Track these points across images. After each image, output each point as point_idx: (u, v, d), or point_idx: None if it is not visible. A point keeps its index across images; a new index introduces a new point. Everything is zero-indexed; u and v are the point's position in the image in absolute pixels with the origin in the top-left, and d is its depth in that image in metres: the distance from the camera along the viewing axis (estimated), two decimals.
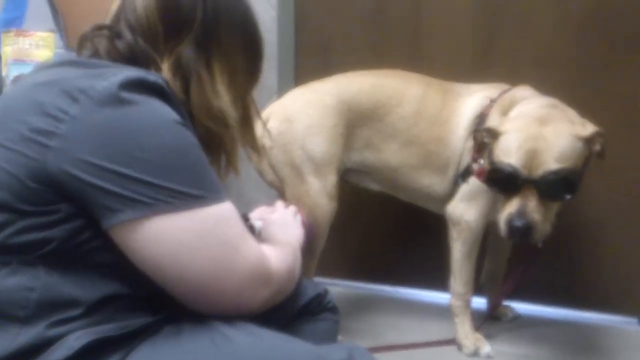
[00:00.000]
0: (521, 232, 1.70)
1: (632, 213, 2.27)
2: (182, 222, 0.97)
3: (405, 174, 2.07)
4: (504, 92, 2.00)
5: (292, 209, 1.60)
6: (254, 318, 1.08)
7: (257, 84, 1.30)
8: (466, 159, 1.99)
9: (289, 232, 1.41)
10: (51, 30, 2.71)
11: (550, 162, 1.67)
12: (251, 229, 1.34)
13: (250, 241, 1.06)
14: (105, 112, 0.94)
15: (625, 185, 2.26)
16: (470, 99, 2.02)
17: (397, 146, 2.05)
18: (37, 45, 2.62)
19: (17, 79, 2.58)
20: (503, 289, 2.21)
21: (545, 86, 2.12)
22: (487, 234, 2.10)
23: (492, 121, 1.90)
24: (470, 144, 1.97)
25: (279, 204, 1.63)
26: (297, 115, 2.01)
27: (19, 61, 2.60)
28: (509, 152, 1.72)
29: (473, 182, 1.96)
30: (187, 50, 1.12)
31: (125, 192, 0.93)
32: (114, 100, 0.95)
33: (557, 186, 1.69)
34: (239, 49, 1.20)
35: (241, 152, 1.27)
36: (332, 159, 2.01)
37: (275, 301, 1.13)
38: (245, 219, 1.35)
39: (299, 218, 1.56)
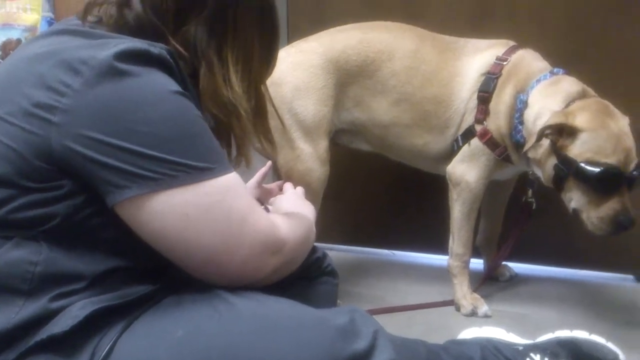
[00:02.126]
0: (625, 228, 1.76)
1: None
2: (189, 195, 0.96)
3: (397, 133, 2.04)
4: (511, 50, 1.96)
5: (299, 189, 1.59)
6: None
7: (272, 72, 1.26)
8: (468, 119, 1.96)
9: (301, 208, 1.39)
10: None
11: (636, 157, 1.74)
12: None
13: (258, 211, 1.05)
14: (106, 85, 0.93)
15: None
16: (475, 59, 1.99)
17: (388, 103, 2.01)
18: (25, 9, 2.58)
19: (6, 44, 2.54)
20: (501, 252, 2.21)
21: (541, 42, 2.11)
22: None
23: (505, 87, 1.89)
24: (473, 104, 1.95)
25: (288, 186, 1.61)
26: (284, 77, 1.95)
27: (6, 25, 2.56)
28: (606, 151, 1.71)
29: (474, 143, 1.95)
30: (197, 32, 1.08)
31: (130, 168, 0.93)
32: (114, 71, 0.93)
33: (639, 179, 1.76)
34: (255, 36, 1.16)
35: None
36: (322, 121, 1.97)
37: (285, 271, 1.13)
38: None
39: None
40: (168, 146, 0.94)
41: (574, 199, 1.80)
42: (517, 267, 2.39)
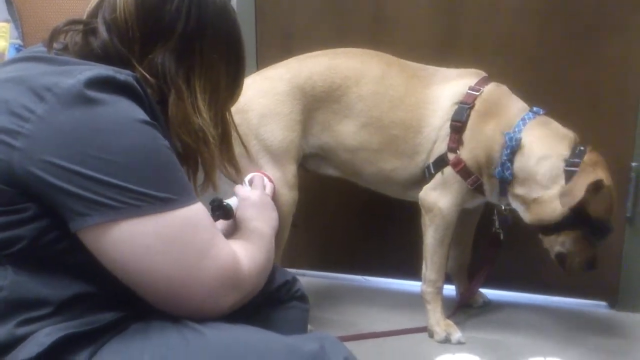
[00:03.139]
0: (595, 269, 1.97)
1: None
2: (150, 226, 0.95)
3: (365, 157, 2.03)
4: (482, 81, 1.98)
5: (269, 188, 1.58)
6: None
7: (237, 100, 1.27)
8: (440, 147, 1.96)
9: (265, 215, 1.37)
10: (6, 21, 2.67)
11: None
12: (225, 210, 1.33)
13: (220, 245, 1.04)
14: (70, 112, 0.91)
15: None
16: (446, 87, 1.99)
17: (356, 127, 2.00)
18: None
19: None
20: (474, 282, 2.22)
21: (506, 73, 2.14)
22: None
23: (484, 121, 1.94)
24: (445, 131, 1.95)
25: (256, 177, 1.58)
26: (250, 104, 1.95)
27: None
28: (611, 210, 1.89)
29: (448, 171, 1.95)
30: (165, 60, 1.08)
31: (92, 196, 0.91)
32: (80, 99, 0.92)
33: None
34: (222, 65, 1.16)
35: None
36: (289, 147, 1.96)
37: (244, 302, 1.11)
38: (219, 202, 1.33)
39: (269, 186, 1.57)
40: (131, 175, 0.93)
41: (564, 245, 1.93)
42: (491, 293, 2.38)
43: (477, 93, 1.96)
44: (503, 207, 2.03)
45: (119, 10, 1.05)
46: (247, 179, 1.64)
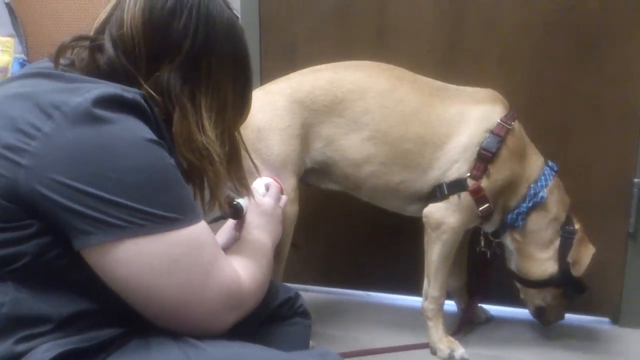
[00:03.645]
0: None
1: (601, 211, 2.27)
2: (154, 246, 0.94)
3: (371, 171, 2.01)
4: (511, 117, 1.98)
5: (284, 200, 1.56)
6: None
7: (246, 118, 1.26)
8: (460, 169, 1.95)
9: (271, 227, 1.36)
10: (10, 35, 2.67)
11: None
12: (236, 209, 1.32)
13: (223, 265, 1.04)
14: (78, 130, 0.91)
15: (591, 182, 2.27)
16: (477, 110, 1.98)
17: (362, 140, 1.98)
18: None
19: None
20: (473, 301, 2.26)
21: (508, 85, 2.14)
22: None
23: (510, 162, 1.98)
24: (469, 155, 1.94)
25: (273, 186, 1.57)
26: (248, 119, 1.93)
27: None
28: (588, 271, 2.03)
29: (465, 196, 1.95)
30: (170, 78, 1.07)
31: (96, 215, 0.91)
32: (88, 117, 0.91)
33: None
34: (229, 84, 1.15)
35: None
36: (286, 161, 1.95)
37: (242, 318, 1.10)
38: (231, 200, 1.32)
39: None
40: (137, 194, 0.92)
41: (544, 299, 2.11)
42: (493, 309, 2.38)
43: (509, 127, 1.96)
44: (492, 239, 2.12)
45: (126, 26, 1.05)
46: (264, 182, 1.61)
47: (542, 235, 2.03)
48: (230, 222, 1.41)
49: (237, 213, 1.34)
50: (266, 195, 1.48)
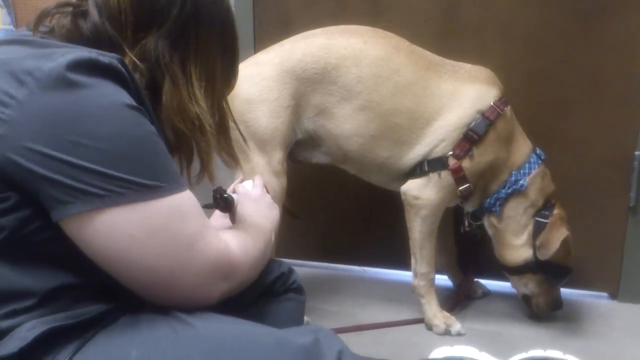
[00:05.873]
0: (559, 309, 2.14)
1: (601, 184, 2.25)
2: (135, 215, 0.92)
3: (361, 143, 1.97)
4: (504, 102, 1.95)
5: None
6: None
7: (233, 88, 1.25)
8: (444, 147, 1.92)
9: (264, 211, 1.34)
10: None
11: None
12: (227, 201, 1.29)
13: (209, 234, 1.01)
14: (52, 97, 0.88)
15: (589, 157, 2.24)
16: (474, 89, 1.94)
17: (353, 110, 1.94)
18: None
19: None
20: (468, 276, 2.26)
21: (506, 58, 2.12)
22: None
23: (495, 146, 1.94)
24: (457, 135, 1.91)
25: (258, 182, 1.55)
26: (236, 90, 1.89)
27: None
28: (567, 256, 2.03)
29: (445, 174, 1.93)
30: (159, 46, 1.04)
31: (74, 183, 0.88)
32: (62, 83, 0.88)
33: None
34: (217, 51, 1.14)
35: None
36: (274, 133, 1.92)
37: (236, 292, 1.09)
38: (222, 191, 1.30)
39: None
40: (116, 162, 0.89)
41: (527, 286, 2.10)
42: (491, 284, 2.36)
43: (501, 112, 1.92)
44: (472, 222, 2.12)
45: None
46: (246, 183, 1.60)
47: (517, 221, 2.02)
48: (218, 212, 1.39)
49: (229, 205, 1.31)
50: (253, 187, 1.46)
